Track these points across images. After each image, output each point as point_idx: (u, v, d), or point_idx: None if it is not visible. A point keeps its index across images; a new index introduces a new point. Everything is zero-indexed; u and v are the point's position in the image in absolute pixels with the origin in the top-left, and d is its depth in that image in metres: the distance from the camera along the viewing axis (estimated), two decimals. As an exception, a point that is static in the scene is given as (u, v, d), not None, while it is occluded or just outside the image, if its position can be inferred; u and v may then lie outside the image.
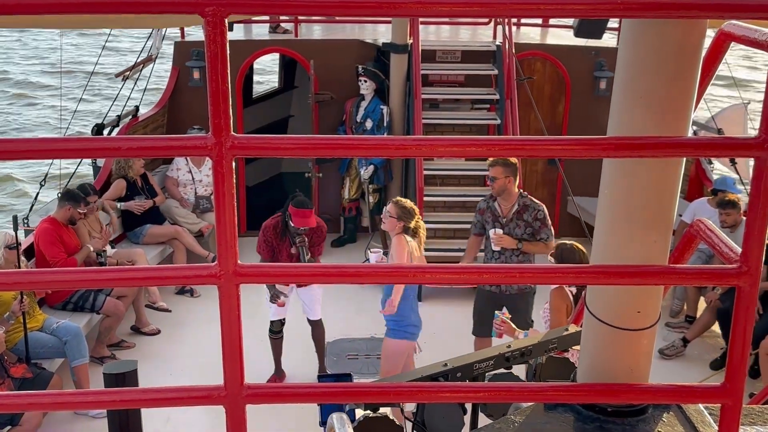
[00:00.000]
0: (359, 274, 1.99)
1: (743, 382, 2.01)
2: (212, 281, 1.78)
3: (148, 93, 10.41)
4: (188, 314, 8.24)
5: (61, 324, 6.60)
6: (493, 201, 6.61)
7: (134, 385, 2.71)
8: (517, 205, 6.46)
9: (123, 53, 22.06)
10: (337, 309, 8.05)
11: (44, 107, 20.41)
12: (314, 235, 6.63)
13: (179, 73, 10.10)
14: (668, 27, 2.01)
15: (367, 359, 7.50)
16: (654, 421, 2.42)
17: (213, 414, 5.36)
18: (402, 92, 9.71)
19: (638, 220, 2.25)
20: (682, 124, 2.11)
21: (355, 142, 2.00)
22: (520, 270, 2.59)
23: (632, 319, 2.35)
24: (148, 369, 6.63)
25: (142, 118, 9.60)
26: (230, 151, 1.68)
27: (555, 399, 2.36)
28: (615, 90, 2.18)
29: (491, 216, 6.56)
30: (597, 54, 10.12)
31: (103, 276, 2.12)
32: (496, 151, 1.77)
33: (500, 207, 6.52)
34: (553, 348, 3.41)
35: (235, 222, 1.75)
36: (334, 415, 2.41)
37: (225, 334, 1.83)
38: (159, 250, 8.72)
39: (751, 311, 2.00)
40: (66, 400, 2.18)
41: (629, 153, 1.82)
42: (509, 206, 6.47)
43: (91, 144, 1.85)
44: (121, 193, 8.67)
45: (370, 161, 9.51)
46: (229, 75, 1.63)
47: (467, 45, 10.23)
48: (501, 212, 6.50)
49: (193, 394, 1.92)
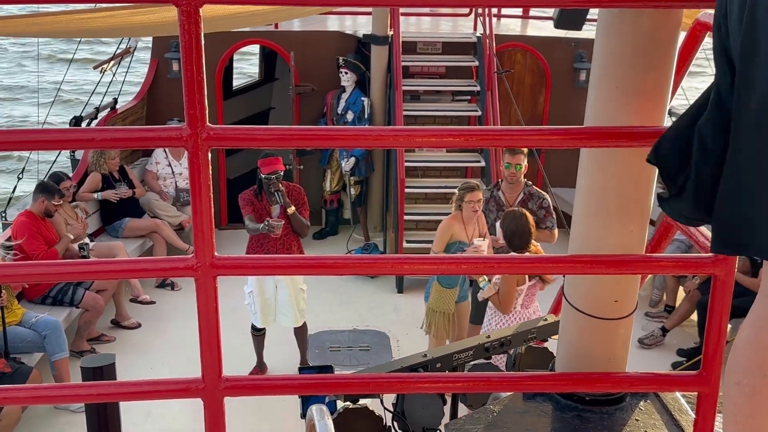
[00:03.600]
0: (339, 265, 1.99)
1: (720, 371, 2.03)
2: (189, 273, 1.77)
3: (127, 85, 10.31)
4: (169, 307, 8.21)
5: (40, 318, 6.55)
6: (497, 190, 6.65)
7: (112, 379, 2.69)
8: (523, 194, 6.51)
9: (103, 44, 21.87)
10: (319, 301, 8.05)
11: (24, 102, 20.20)
12: (292, 193, 6.67)
13: (158, 65, 10.03)
14: (643, 17, 2.02)
15: (349, 351, 7.51)
16: (631, 409, 2.44)
17: (194, 407, 5.35)
18: (383, 84, 9.69)
19: (615, 210, 2.26)
20: (659, 113, 2.12)
21: (332, 132, 2.00)
22: (497, 260, 2.61)
23: (609, 309, 2.37)
24: (128, 363, 6.61)
25: (120, 111, 9.52)
26: (206, 142, 1.67)
27: (534, 388, 2.38)
28: (591, 80, 2.19)
29: (495, 205, 6.58)
30: (577, 45, 10.15)
31: (80, 269, 2.11)
32: (474, 141, 1.77)
33: (505, 196, 6.57)
34: (532, 338, 3.43)
35: (212, 214, 1.74)
36: (314, 407, 2.41)
37: (202, 326, 1.83)
38: (138, 244, 8.67)
39: (726, 300, 2.02)
40: (43, 394, 2.17)
41: (605, 143, 1.83)
42: (515, 195, 6.50)
43: (66, 135, 1.84)
44: (96, 186, 8.59)
45: (351, 153, 9.50)
46: (209, 66, 1.62)
47: (448, 36, 10.23)
48: (506, 201, 6.54)
49: (171, 387, 1.92)
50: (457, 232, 6.28)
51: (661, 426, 2.38)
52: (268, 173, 6.49)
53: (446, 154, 9.50)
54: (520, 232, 5.49)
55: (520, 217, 5.55)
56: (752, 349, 1.45)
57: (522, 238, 5.50)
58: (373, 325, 7.96)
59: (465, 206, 6.20)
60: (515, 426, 2.37)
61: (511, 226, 5.53)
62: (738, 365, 1.49)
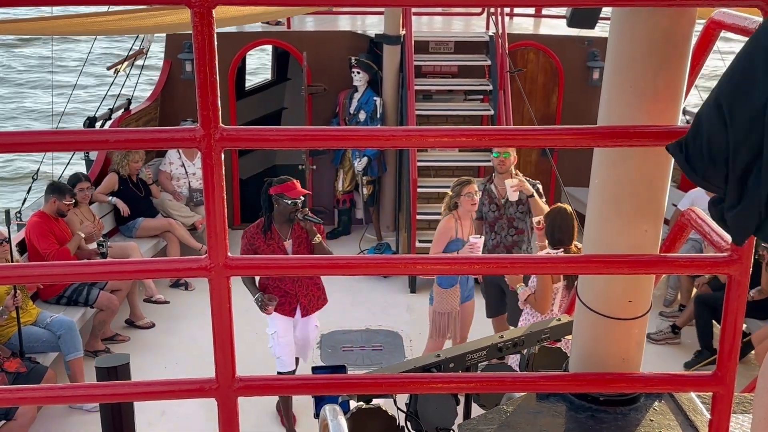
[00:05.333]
0: (351, 265, 1.99)
1: (734, 371, 2.02)
2: (202, 274, 1.78)
3: (141, 86, 10.37)
4: (183, 307, 8.24)
5: (54, 318, 6.59)
6: (489, 183, 6.69)
7: (126, 379, 2.71)
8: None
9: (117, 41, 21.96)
10: (331, 301, 8.00)
11: (37, 101, 20.33)
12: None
13: (171, 66, 10.07)
14: (657, 15, 2.01)
15: (362, 351, 7.51)
16: (646, 409, 2.42)
17: (208, 407, 5.37)
18: (395, 83, 9.69)
19: (629, 210, 2.25)
20: (672, 113, 2.11)
21: (345, 133, 2.00)
22: (511, 260, 2.60)
23: (624, 309, 2.36)
24: (142, 362, 6.64)
25: (134, 111, 9.57)
26: (219, 143, 1.68)
27: (547, 389, 2.37)
28: (605, 79, 2.18)
29: (488, 198, 6.62)
30: (590, 44, 10.11)
31: (94, 269, 2.12)
32: (486, 141, 1.77)
33: (497, 189, 6.60)
34: (545, 338, 3.41)
35: (225, 214, 1.75)
36: (327, 407, 2.42)
37: (216, 326, 1.83)
38: (152, 244, 8.70)
39: (742, 300, 2.01)
40: (58, 394, 2.18)
41: (619, 142, 1.82)
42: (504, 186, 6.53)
43: (80, 137, 1.85)
44: (113, 187, 8.64)
45: (364, 153, 9.50)
46: (222, 67, 1.62)
47: (460, 36, 10.21)
48: (497, 193, 6.59)
49: (185, 387, 1.93)
50: (454, 231, 6.31)
51: (676, 426, 2.36)
52: (295, 198, 5.80)
53: (459, 154, 9.48)
54: (563, 228, 5.49)
55: (563, 213, 5.56)
56: None
57: (564, 234, 5.48)
58: (385, 325, 7.96)
59: (463, 200, 6.23)
60: (529, 426, 2.36)
61: (556, 221, 5.52)
62: None
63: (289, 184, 5.84)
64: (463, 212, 6.29)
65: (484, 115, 9.60)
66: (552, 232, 5.51)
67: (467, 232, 6.32)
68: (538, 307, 5.48)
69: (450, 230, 6.32)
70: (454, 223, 6.31)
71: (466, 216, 6.32)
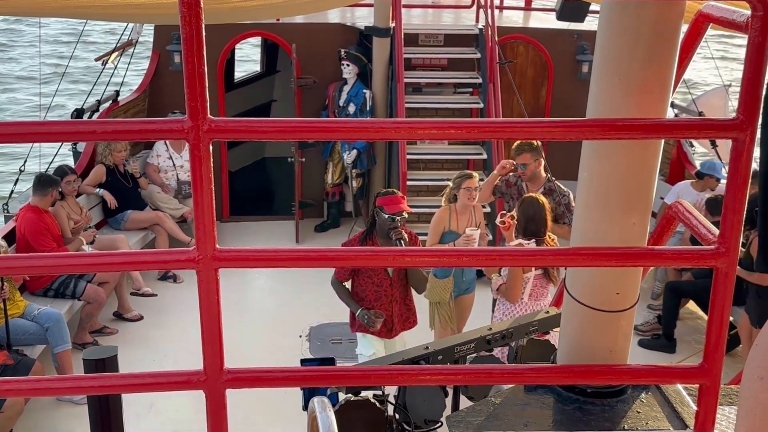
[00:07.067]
0: (340, 258, 1.99)
1: (721, 363, 2.03)
2: (190, 266, 1.77)
3: (129, 77, 10.30)
4: (171, 300, 8.22)
5: (42, 310, 6.56)
6: (521, 180, 6.67)
7: (114, 371, 2.70)
8: (543, 188, 6.50)
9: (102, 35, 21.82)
10: (320, 294, 8.04)
11: (24, 93, 20.18)
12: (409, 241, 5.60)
13: (160, 57, 10.01)
14: (645, 9, 2.01)
15: (350, 344, 7.50)
16: (633, 401, 2.44)
17: (197, 399, 5.37)
18: (385, 76, 9.67)
19: (617, 203, 2.26)
20: (660, 105, 2.11)
21: (333, 124, 1.99)
22: (499, 253, 2.60)
23: (611, 301, 2.37)
24: (131, 355, 6.61)
25: (122, 103, 9.52)
26: (207, 134, 1.67)
27: (535, 381, 2.38)
28: (594, 72, 2.18)
29: (517, 193, 6.59)
30: (579, 37, 10.12)
31: (80, 261, 2.11)
32: (475, 134, 1.77)
33: (527, 188, 6.58)
34: (533, 330, 3.43)
35: (213, 206, 1.74)
36: (315, 399, 2.41)
37: (204, 318, 1.83)
38: (141, 236, 8.67)
39: (729, 292, 2.01)
40: (45, 386, 2.17)
41: (607, 135, 1.82)
42: (535, 189, 6.51)
43: (67, 128, 1.83)
44: (100, 178, 8.60)
45: (353, 146, 9.48)
46: (211, 59, 1.61)
47: (450, 28, 10.20)
48: (527, 192, 6.55)
49: (172, 379, 1.92)
50: (450, 222, 6.29)
51: (663, 418, 2.38)
52: (393, 213, 5.42)
53: (448, 147, 9.49)
54: (535, 219, 5.50)
55: (536, 203, 5.56)
56: None
57: (537, 225, 5.49)
58: (375, 317, 7.95)
59: (462, 193, 6.20)
60: (517, 418, 2.37)
61: (529, 212, 5.53)
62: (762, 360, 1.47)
63: (390, 198, 5.52)
64: (461, 205, 6.27)
65: (473, 108, 9.60)
66: (525, 223, 5.52)
67: (463, 224, 6.30)
68: (507, 296, 5.54)
69: (442, 221, 6.31)
70: (447, 215, 6.30)
71: (464, 209, 6.29)
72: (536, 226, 5.48)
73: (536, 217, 5.50)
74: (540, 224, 5.49)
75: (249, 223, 10.13)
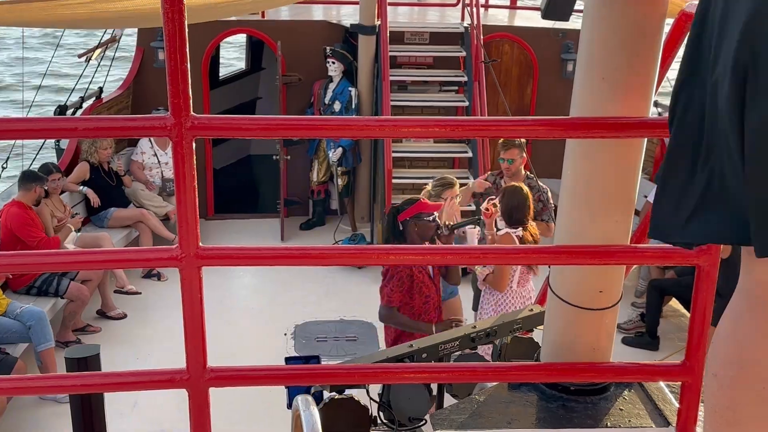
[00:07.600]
0: (325, 256, 1.99)
1: (703, 360, 2.05)
2: (173, 264, 1.77)
3: (112, 74, 10.25)
4: (155, 298, 8.17)
5: (24, 308, 6.51)
6: (500, 178, 6.69)
7: (97, 370, 2.68)
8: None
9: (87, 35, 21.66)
10: (305, 292, 8.05)
11: (5, 89, 20.03)
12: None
13: (144, 54, 9.96)
14: (629, 6, 2.02)
15: (336, 341, 7.50)
16: (616, 399, 2.45)
17: (181, 398, 5.35)
18: (370, 74, 9.66)
19: (600, 201, 2.27)
20: (643, 104, 2.12)
21: (318, 122, 1.99)
22: (483, 251, 2.61)
23: (594, 299, 2.38)
24: (114, 353, 6.57)
25: (106, 100, 9.45)
26: (190, 132, 1.66)
27: (519, 378, 2.39)
28: (577, 70, 2.19)
29: (496, 192, 6.60)
30: (564, 36, 10.15)
31: (63, 259, 2.10)
32: (460, 132, 1.77)
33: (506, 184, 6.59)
34: (518, 328, 3.43)
35: (197, 203, 1.74)
36: (299, 397, 2.41)
37: (187, 316, 1.82)
38: (124, 234, 8.62)
39: (710, 290, 2.03)
40: (27, 385, 2.16)
41: (591, 133, 1.83)
42: None
43: (48, 124, 1.82)
44: (84, 176, 8.54)
45: (339, 144, 9.47)
46: (195, 56, 1.60)
47: (435, 26, 10.21)
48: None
49: (155, 377, 1.91)
50: None
51: (645, 415, 2.39)
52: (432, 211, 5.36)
53: (434, 145, 9.49)
54: (520, 207, 5.62)
55: (519, 192, 5.67)
56: (729, 341, 1.47)
57: (521, 212, 5.60)
58: (359, 315, 7.95)
59: (447, 204, 6.18)
60: (500, 416, 2.38)
61: (513, 201, 5.64)
62: (716, 357, 1.50)
63: (420, 204, 5.34)
64: (447, 214, 6.21)
65: (459, 107, 9.61)
66: (509, 212, 5.62)
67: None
68: (496, 286, 5.59)
69: None
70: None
71: (450, 216, 6.24)
72: (521, 214, 5.61)
73: (520, 205, 5.64)
74: (524, 212, 5.63)
75: (234, 221, 10.10)
